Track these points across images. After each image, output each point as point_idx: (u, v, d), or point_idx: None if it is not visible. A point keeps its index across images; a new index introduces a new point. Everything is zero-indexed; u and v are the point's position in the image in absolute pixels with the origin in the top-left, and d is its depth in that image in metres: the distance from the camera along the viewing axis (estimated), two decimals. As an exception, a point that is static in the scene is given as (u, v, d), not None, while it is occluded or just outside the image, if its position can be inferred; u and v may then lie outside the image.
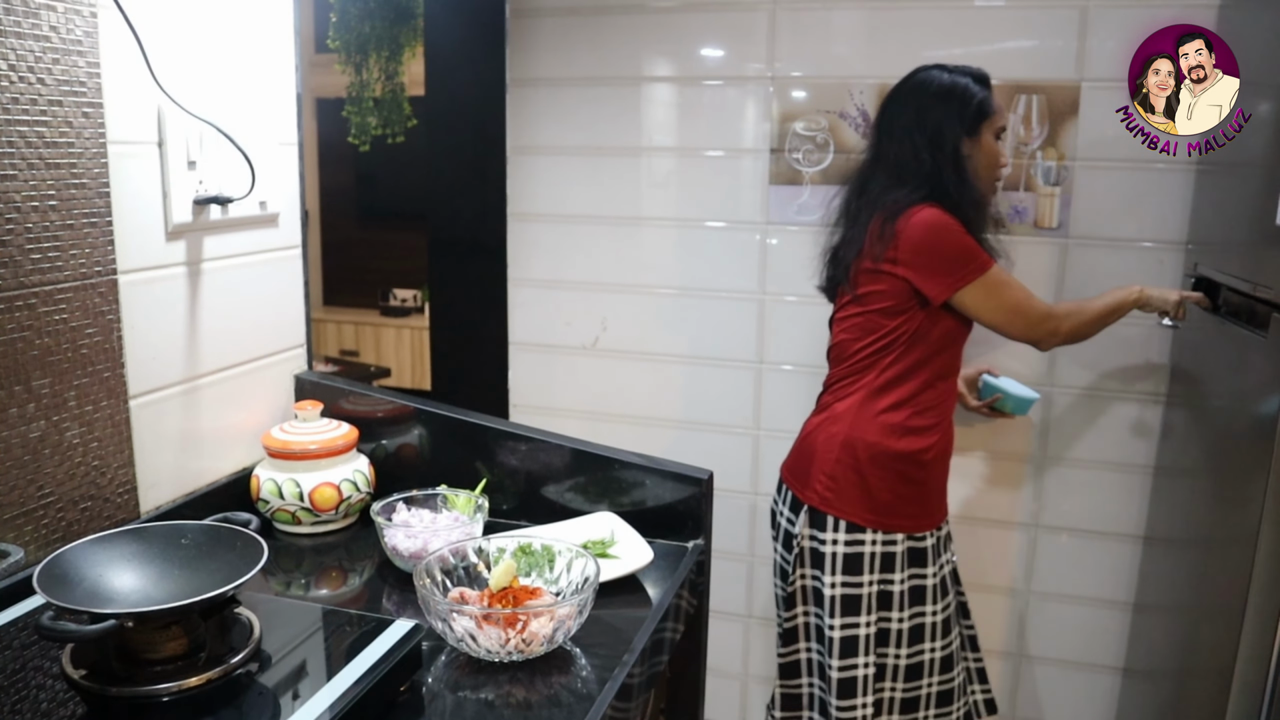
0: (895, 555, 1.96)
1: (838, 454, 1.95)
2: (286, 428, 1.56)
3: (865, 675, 1.96)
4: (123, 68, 1.27)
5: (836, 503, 1.95)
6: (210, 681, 0.98)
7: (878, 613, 1.97)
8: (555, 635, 1.13)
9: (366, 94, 3.98)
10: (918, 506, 1.98)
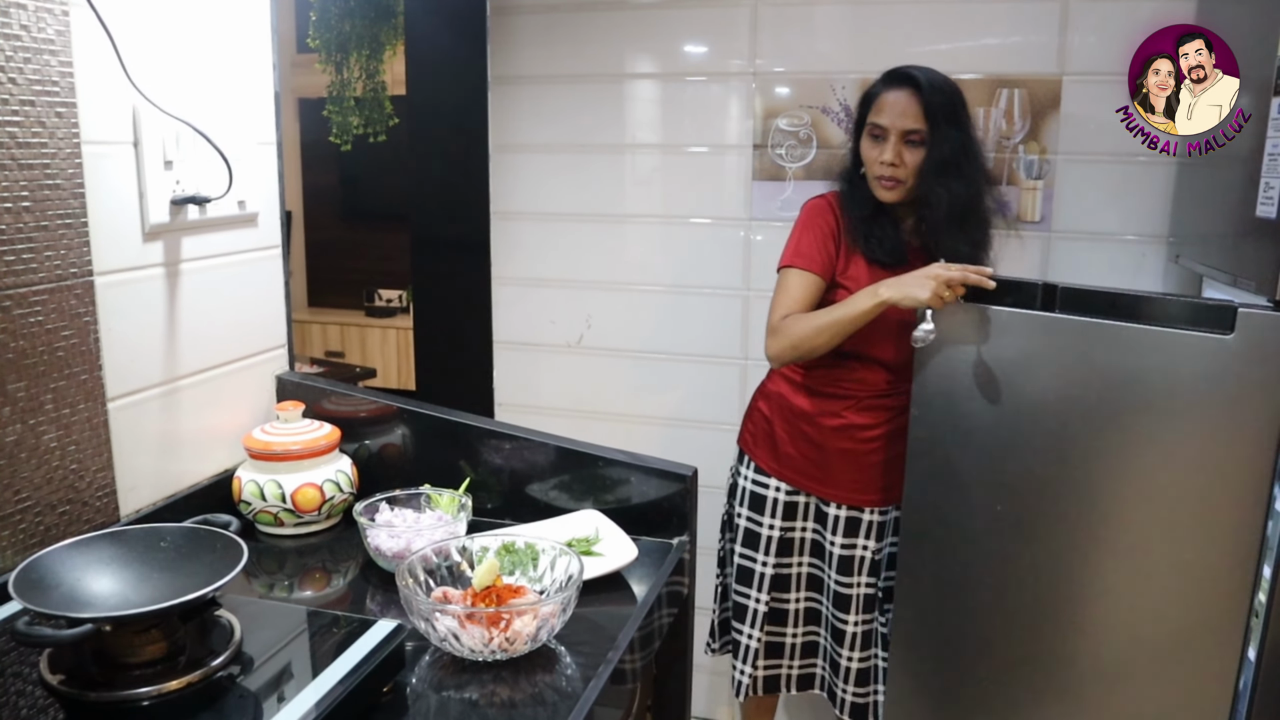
0: (798, 506, 2.13)
1: (756, 401, 2.20)
2: (268, 429, 1.55)
3: (756, 610, 2.15)
4: (96, 67, 1.26)
5: (752, 445, 2.18)
6: (190, 685, 0.97)
7: (776, 557, 2.13)
8: (539, 634, 1.13)
9: (348, 93, 3.96)
10: (821, 470, 2.09)
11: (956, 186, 1.91)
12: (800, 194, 2.34)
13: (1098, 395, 1.73)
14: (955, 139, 1.91)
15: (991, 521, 1.88)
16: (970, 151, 1.95)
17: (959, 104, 1.93)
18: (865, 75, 2.26)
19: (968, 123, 1.96)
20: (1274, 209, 1.57)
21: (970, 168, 1.93)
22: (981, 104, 2.22)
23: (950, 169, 1.91)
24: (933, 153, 1.91)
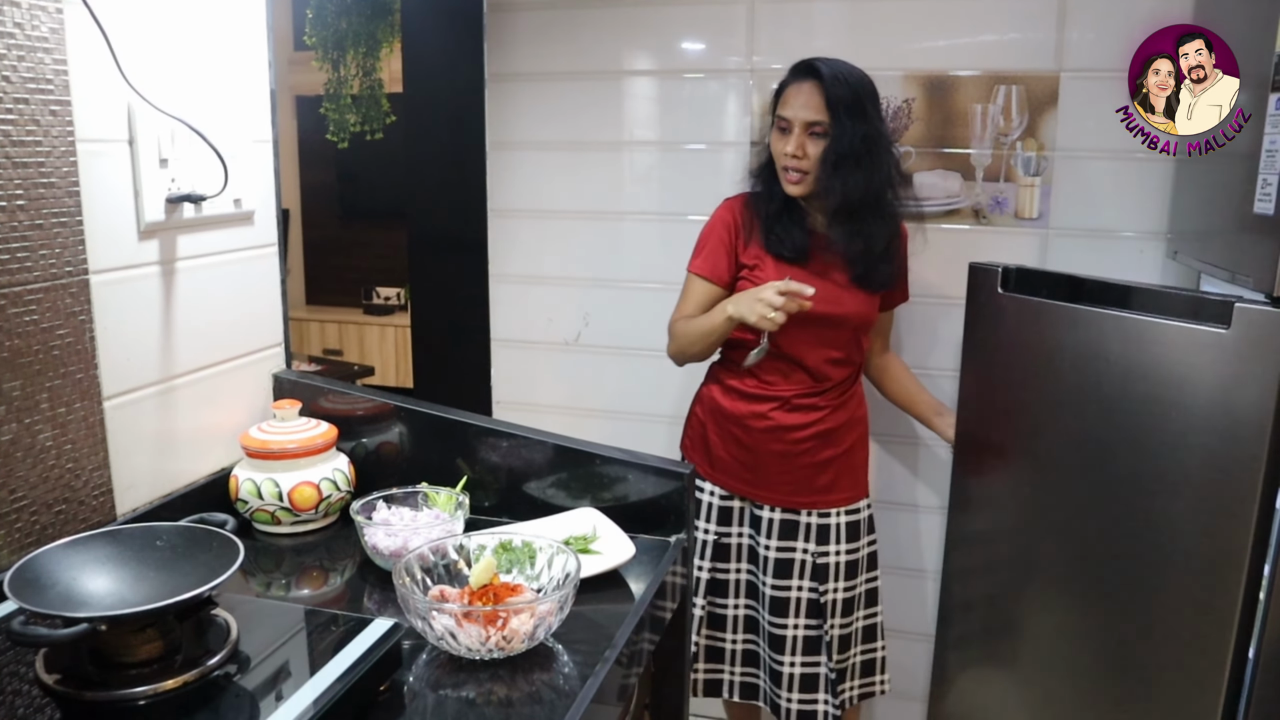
0: (732, 511, 2.14)
1: (693, 406, 2.23)
2: (265, 427, 1.55)
3: (695, 614, 2.14)
4: (91, 65, 1.25)
5: (690, 449, 2.22)
6: (187, 684, 0.97)
7: (712, 561, 2.14)
8: (536, 632, 1.13)
9: (345, 91, 3.96)
10: (752, 473, 2.09)
11: (854, 180, 1.90)
12: (798, 191, 2.34)
13: (1110, 385, 1.79)
14: (856, 132, 1.89)
15: (1027, 508, 1.99)
16: (874, 145, 1.92)
17: (864, 96, 1.91)
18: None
19: (874, 116, 1.93)
20: (1271, 205, 1.57)
21: (872, 161, 1.91)
22: (979, 100, 2.22)
23: (848, 162, 1.89)
24: (832, 145, 1.90)
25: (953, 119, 2.24)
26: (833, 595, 2.09)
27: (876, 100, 1.95)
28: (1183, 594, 1.72)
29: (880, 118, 1.96)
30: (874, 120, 1.92)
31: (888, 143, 1.97)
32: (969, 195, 2.26)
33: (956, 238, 2.28)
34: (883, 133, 1.95)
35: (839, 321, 2.02)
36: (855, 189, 1.90)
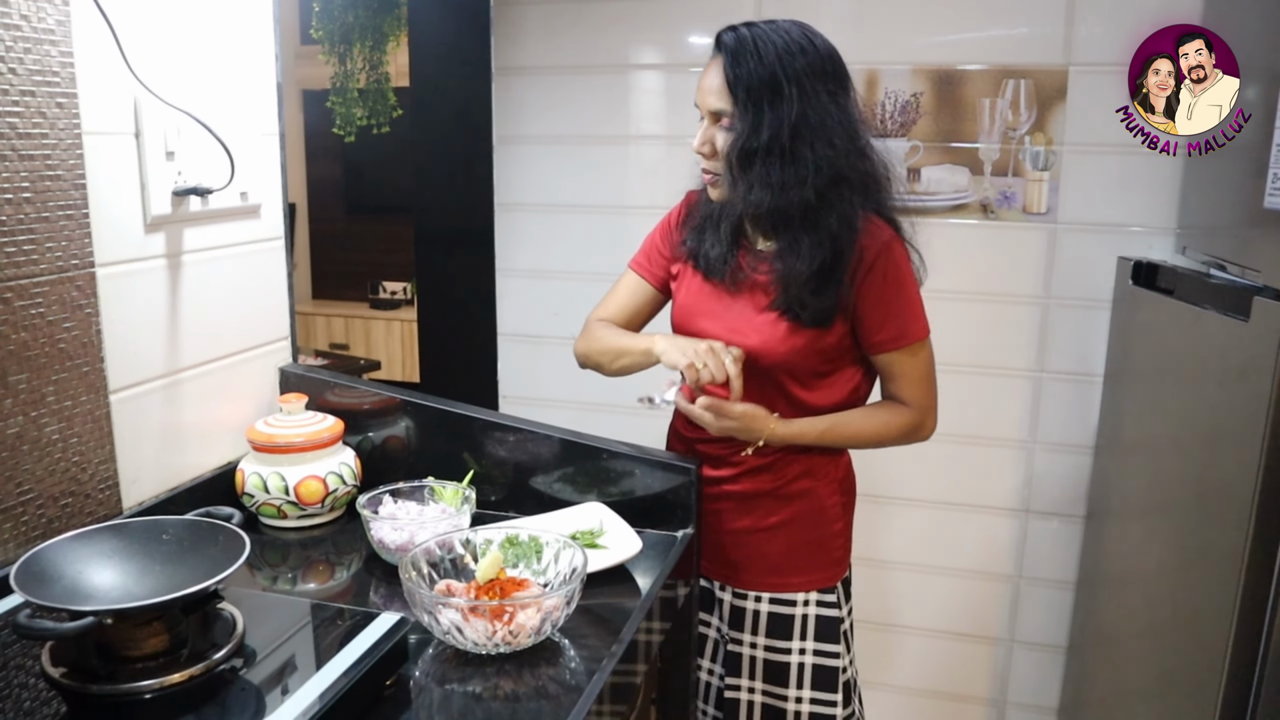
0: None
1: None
2: (271, 421, 1.55)
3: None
4: (97, 57, 1.25)
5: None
6: (193, 678, 0.97)
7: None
8: (543, 627, 1.12)
9: (351, 84, 3.95)
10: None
11: (768, 182, 1.46)
12: (805, 185, 2.33)
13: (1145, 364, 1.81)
14: (773, 120, 1.44)
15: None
16: (802, 135, 1.45)
17: (789, 72, 1.44)
18: (870, 66, 2.25)
19: (808, 96, 1.44)
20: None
21: (797, 157, 1.45)
22: (987, 95, 2.20)
23: (760, 159, 1.46)
24: (737, 138, 1.47)
25: (961, 113, 2.23)
26: (744, 695, 1.67)
27: (819, 74, 1.46)
28: (1185, 583, 1.71)
29: (824, 97, 1.46)
30: (806, 102, 1.44)
31: (837, 131, 1.46)
32: (977, 190, 2.25)
33: (963, 233, 2.27)
34: (825, 119, 1.45)
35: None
36: (767, 194, 1.46)
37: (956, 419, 2.36)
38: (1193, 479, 1.90)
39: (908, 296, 1.55)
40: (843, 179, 1.46)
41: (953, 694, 2.53)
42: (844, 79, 1.50)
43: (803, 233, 1.48)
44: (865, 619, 2.54)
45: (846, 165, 1.47)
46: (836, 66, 1.49)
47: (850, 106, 1.50)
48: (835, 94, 1.48)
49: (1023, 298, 2.27)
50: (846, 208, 1.47)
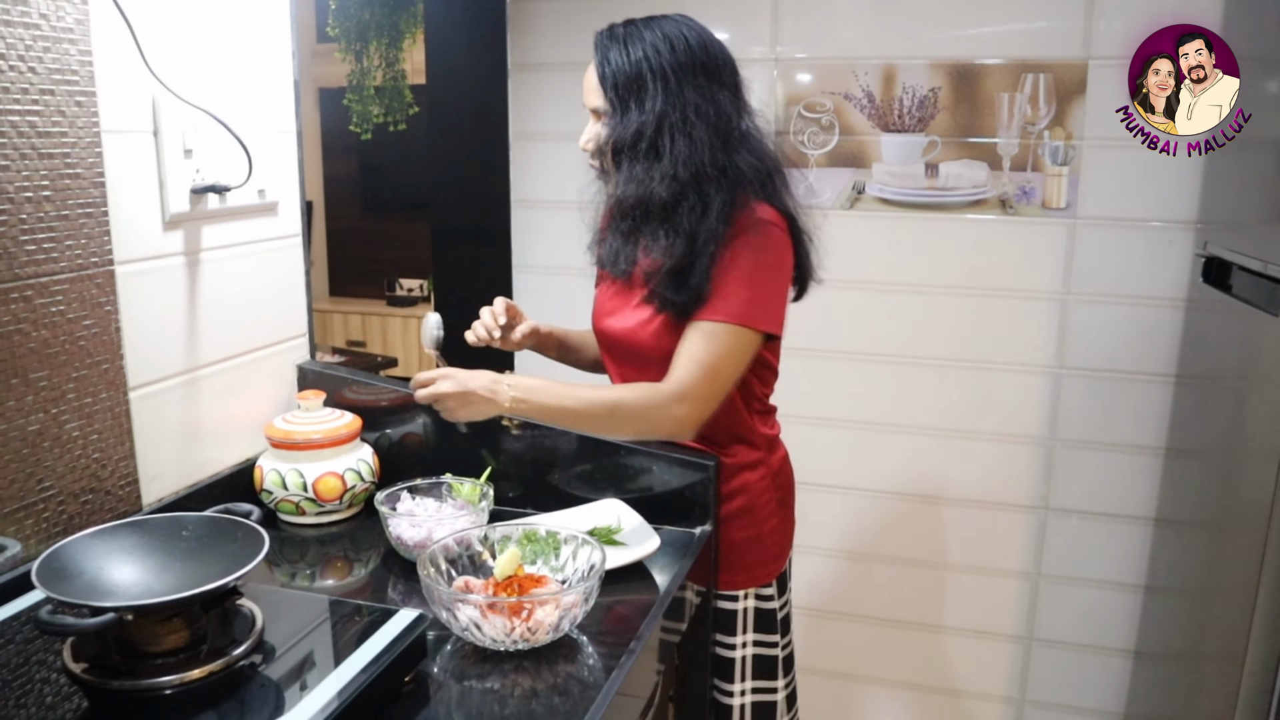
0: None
1: None
2: (289, 418, 1.55)
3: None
4: (115, 56, 1.25)
5: None
6: (212, 674, 0.97)
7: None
8: (561, 624, 1.12)
9: (367, 82, 3.96)
10: None
11: (625, 180, 1.48)
12: (822, 181, 2.32)
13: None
14: (631, 117, 1.45)
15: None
16: (663, 133, 1.44)
17: (652, 69, 1.45)
18: (889, 61, 2.24)
19: (673, 92, 1.44)
20: (1306, 194, 1.54)
21: (657, 155, 1.44)
22: (1006, 89, 2.19)
23: (621, 156, 1.48)
24: (608, 135, 1.49)
25: (979, 108, 2.21)
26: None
27: (687, 69, 1.45)
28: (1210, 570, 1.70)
29: (690, 92, 1.44)
30: (670, 97, 1.44)
31: (701, 126, 1.44)
32: (995, 185, 2.24)
33: (982, 228, 2.26)
34: (689, 114, 1.44)
35: (613, 343, 1.62)
36: (632, 188, 1.46)
37: (973, 414, 2.35)
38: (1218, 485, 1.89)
39: (741, 276, 1.46)
40: (703, 175, 1.44)
41: (970, 692, 2.52)
42: (718, 73, 1.48)
43: (661, 227, 1.47)
44: (882, 616, 2.53)
45: (708, 160, 1.44)
46: (710, 61, 1.48)
47: (724, 100, 1.48)
48: (706, 89, 1.46)
49: (1041, 294, 2.25)
50: (707, 203, 1.45)
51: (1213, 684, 1.77)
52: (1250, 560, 1.63)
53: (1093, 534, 2.33)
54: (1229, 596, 1.74)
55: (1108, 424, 2.27)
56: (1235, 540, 1.75)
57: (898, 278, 2.34)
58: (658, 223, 1.47)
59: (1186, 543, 2.09)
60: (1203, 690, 1.85)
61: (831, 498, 2.50)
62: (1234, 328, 1.86)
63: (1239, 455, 1.79)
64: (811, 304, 2.34)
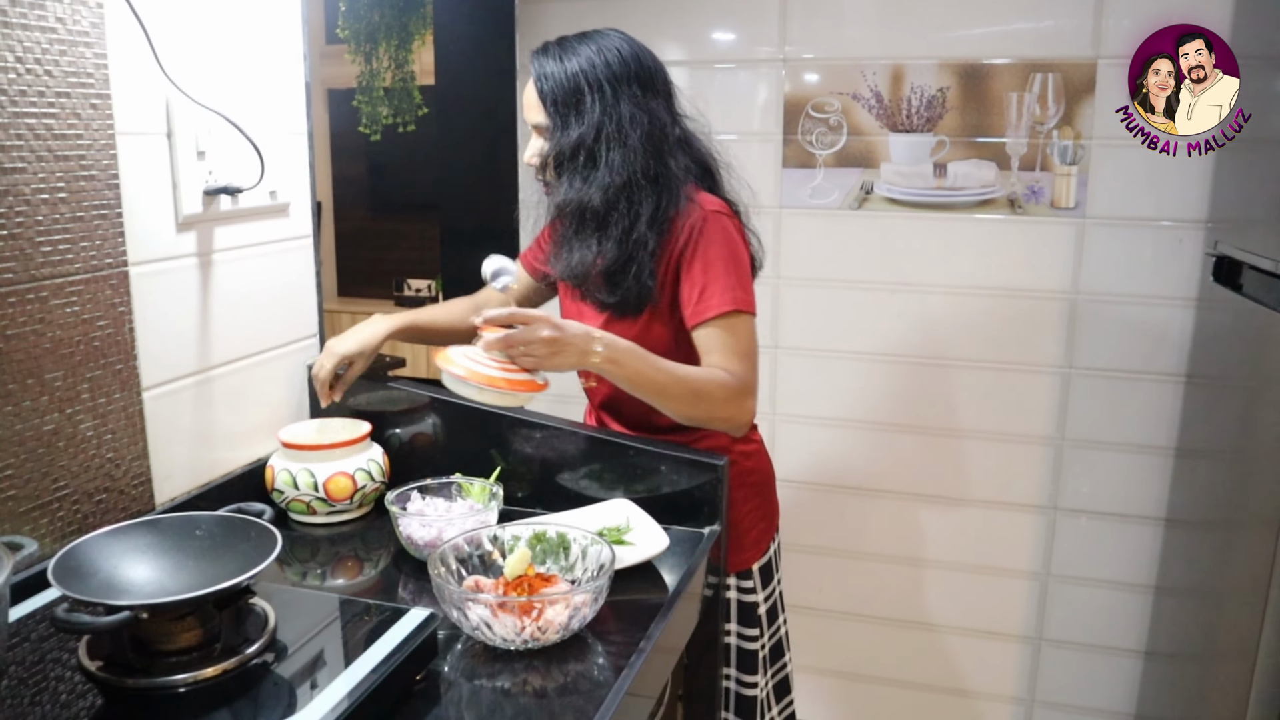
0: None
1: None
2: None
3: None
4: (130, 59, 1.26)
5: None
6: (226, 672, 0.98)
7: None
8: (571, 623, 1.13)
9: (377, 83, 3.97)
10: None
11: (565, 190, 1.52)
12: (830, 181, 2.33)
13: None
14: (570, 130, 1.50)
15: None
16: (600, 144, 1.49)
17: (588, 81, 1.49)
18: (897, 61, 2.24)
19: (608, 104, 1.49)
20: (1316, 193, 1.54)
21: (594, 165, 1.50)
22: (1015, 89, 2.19)
23: (562, 167, 1.53)
24: (550, 149, 1.53)
25: (988, 107, 2.21)
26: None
27: (622, 80, 1.50)
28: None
29: (626, 103, 1.49)
30: (606, 109, 1.48)
31: (635, 134, 1.49)
32: (1004, 185, 2.24)
33: (991, 228, 2.26)
34: (623, 124, 1.49)
35: None
36: (572, 197, 1.51)
37: (983, 415, 2.35)
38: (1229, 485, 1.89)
39: (717, 269, 1.51)
40: (635, 182, 1.49)
41: (979, 692, 2.52)
42: (651, 83, 1.54)
43: (595, 233, 1.52)
44: (891, 615, 2.53)
45: (640, 168, 1.49)
46: (644, 71, 1.53)
47: (657, 109, 1.53)
48: (640, 99, 1.51)
49: (1051, 293, 2.25)
50: (637, 210, 1.50)
51: (1224, 684, 1.77)
52: (1261, 560, 1.63)
53: (1102, 534, 2.33)
54: (1240, 597, 1.74)
55: (1117, 424, 2.27)
56: (1246, 540, 1.75)
57: (906, 277, 2.34)
58: (592, 228, 1.52)
59: (1197, 543, 2.09)
60: (1214, 690, 1.85)
61: (840, 498, 2.50)
62: (1245, 327, 1.86)
63: (1250, 455, 1.79)
64: (819, 304, 2.34)
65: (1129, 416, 2.26)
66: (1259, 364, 1.77)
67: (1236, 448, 1.89)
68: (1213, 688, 1.86)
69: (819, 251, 2.35)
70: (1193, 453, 2.15)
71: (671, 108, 1.57)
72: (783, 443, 2.48)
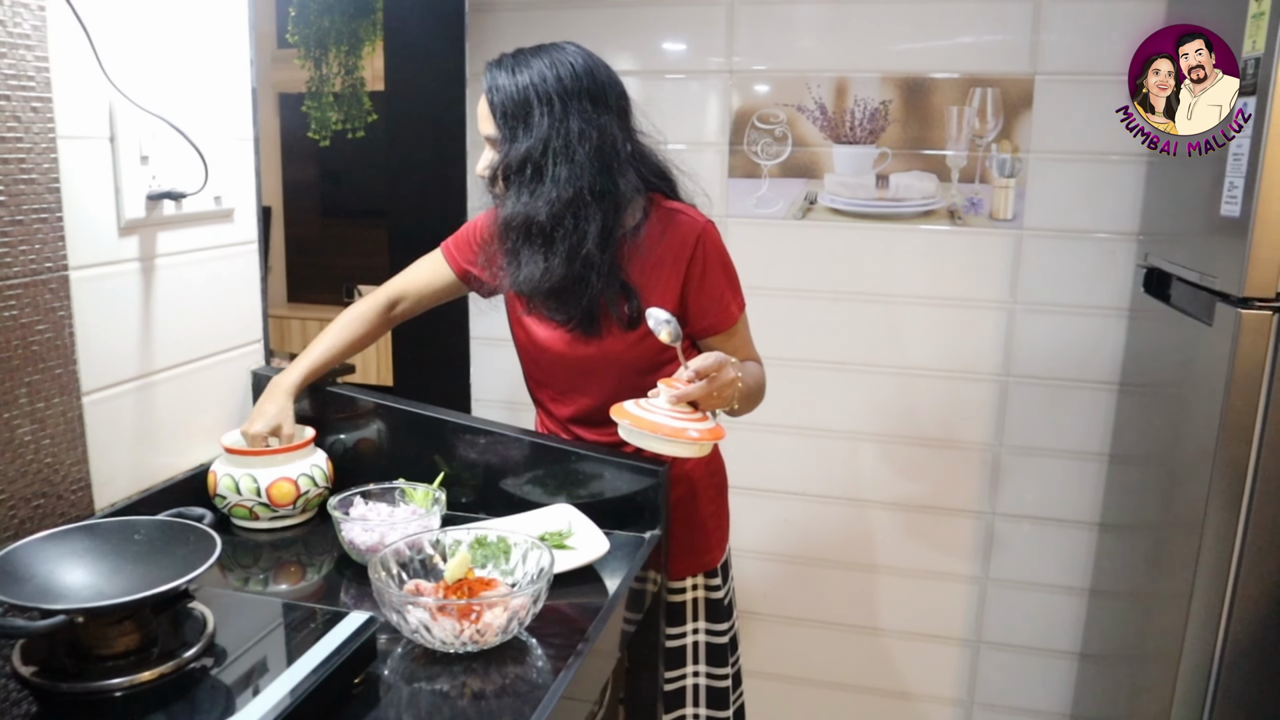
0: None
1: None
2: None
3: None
4: (72, 62, 1.26)
5: None
6: (163, 676, 0.98)
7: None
8: (510, 626, 1.14)
9: (326, 89, 3.95)
10: None
11: (513, 203, 1.52)
12: (775, 191, 2.36)
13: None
14: (520, 143, 1.50)
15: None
16: (548, 157, 1.49)
17: (538, 95, 1.49)
18: (841, 74, 2.28)
19: (558, 118, 1.48)
20: (1237, 208, 1.59)
21: (540, 178, 1.49)
22: (955, 102, 2.24)
23: (510, 180, 1.52)
24: (500, 161, 1.53)
25: (929, 121, 2.26)
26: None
27: (573, 94, 1.50)
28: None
29: (576, 118, 1.49)
30: (555, 123, 1.48)
31: (583, 149, 1.49)
32: (945, 196, 2.29)
33: (932, 238, 2.31)
34: (571, 139, 1.48)
35: (551, 362, 1.65)
36: (519, 210, 1.51)
37: (923, 420, 2.40)
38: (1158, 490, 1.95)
39: (730, 277, 1.62)
40: (581, 199, 1.49)
41: (920, 695, 2.56)
42: (604, 98, 1.53)
43: (542, 248, 1.52)
44: (834, 620, 2.57)
45: (587, 185, 1.49)
46: (596, 86, 1.52)
47: (609, 125, 1.52)
48: (591, 114, 1.50)
49: (989, 303, 2.30)
50: (584, 227, 1.49)
51: (1152, 684, 1.82)
52: (1186, 563, 1.68)
53: (1039, 538, 2.39)
54: (1167, 599, 1.79)
55: (1054, 430, 2.32)
56: (1172, 544, 1.80)
57: (849, 287, 2.38)
58: (538, 244, 1.52)
59: (1128, 547, 2.14)
60: (1144, 690, 1.90)
61: (784, 503, 2.53)
62: (1173, 337, 1.92)
63: (1176, 461, 1.85)
64: (764, 313, 2.37)
65: (1065, 423, 2.31)
66: (1186, 373, 1.83)
67: (1164, 454, 1.94)
68: (1143, 687, 1.92)
69: (764, 261, 2.38)
70: (1125, 459, 2.21)
71: (626, 124, 1.57)
72: (729, 449, 2.50)
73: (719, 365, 1.40)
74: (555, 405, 1.69)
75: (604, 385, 1.59)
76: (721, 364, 1.40)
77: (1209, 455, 1.62)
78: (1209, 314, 1.68)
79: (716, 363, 1.39)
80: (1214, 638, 1.64)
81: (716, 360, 1.40)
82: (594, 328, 1.56)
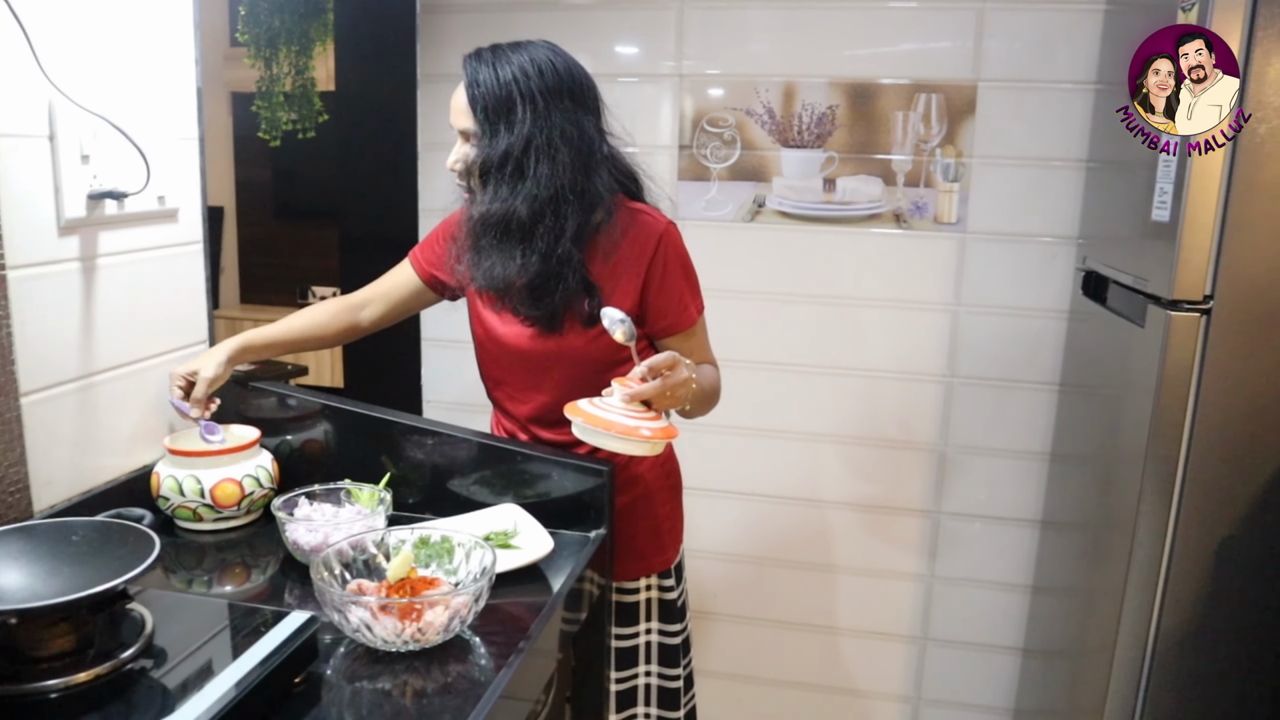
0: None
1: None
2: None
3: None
4: (10, 60, 1.25)
5: None
6: (99, 677, 0.98)
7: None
8: (452, 624, 1.15)
9: (277, 88, 3.92)
10: None
11: (490, 200, 1.52)
12: (724, 194, 2.39)
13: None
14: (500, 139, 1.51)
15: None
16: (529, 155, 1.49)
17: (521, 92, 1.49)
18: (789, 79, 2.31)
19: (534, 117, 1.49)
20: (1167, 213, 1.64)
21: (521, 175, 1.50)
22: (901, 108, 2.27)
23: (488, 176, 1.53)
24: (477, 156, 1.55)
25: (875, 125, 2.30)
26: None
27: (554, 93, 1.51)
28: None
29: (557, 116, 1.50)
30: (538, 120, 1.49)
31: (564, 148, 1.50)
32: (890, 200, 2.32)
33: (878, 242, 2.34)
34: (554, 137, 1.49)
35: (510, 358, 1.65)
36: (496, 206, 1.51)
37: (871, 423, 2.43)
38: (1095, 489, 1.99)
39: (689, 279, 1.65)
40: (562, 197, 1.50)
41: (868, 692, 2.59)
42: (584, 97, 1.55)
43: (519, 246, 1.52)
44: (784, 619, 2.59)
45: (568, 183, 1.50)
46: (576, 86, 1.54)
47: (587, 125, 1.54)
48: (571, 113, 1.52)
49: (934, 305, 2.34)
50: (562, 225, 1.51)
51: (1090, 678, 1.87)
52: (1120, 560, 1.72)
53: (984, 537, 2.43)
54: (1103, 595, 1.83)
55: (998, 430, 2.37)
56: (1108, 542, 1.85)
57: (797, 289, 2.41)
58: (516, 241, 1.52)
59: (1067, 545, 2.19)
60: (1083, 684, 1.94)
61: (730, 503, 2.55)
62: (1109, 339, 1.96)
63: (1111, 460, 1.89)
64: (714, 314, 2.39)
65: (1008, 423, 2.36)
66: (1121, 373, 1.87)
67: (1100, 453, 1.99)
68: (1082, 681, 1.96)
69: (713, 263, 2.40)
70: (1065, 458, 2.26)
71: (600, 124, 1.59)
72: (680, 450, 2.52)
73: (672, 363, 1.41)
74: (512, 404, 1.70)
75: (561, 382, 1.60)
76: (675, 362, 1.41)
77: (1141, 454, 1.67)
78: (1141, 316, 1.72)
79: (670, 360, 1.41)
80: (1146, 631, 1.68)
81: (670, 358, 1.41)
82: (556, 324, 1.57)
